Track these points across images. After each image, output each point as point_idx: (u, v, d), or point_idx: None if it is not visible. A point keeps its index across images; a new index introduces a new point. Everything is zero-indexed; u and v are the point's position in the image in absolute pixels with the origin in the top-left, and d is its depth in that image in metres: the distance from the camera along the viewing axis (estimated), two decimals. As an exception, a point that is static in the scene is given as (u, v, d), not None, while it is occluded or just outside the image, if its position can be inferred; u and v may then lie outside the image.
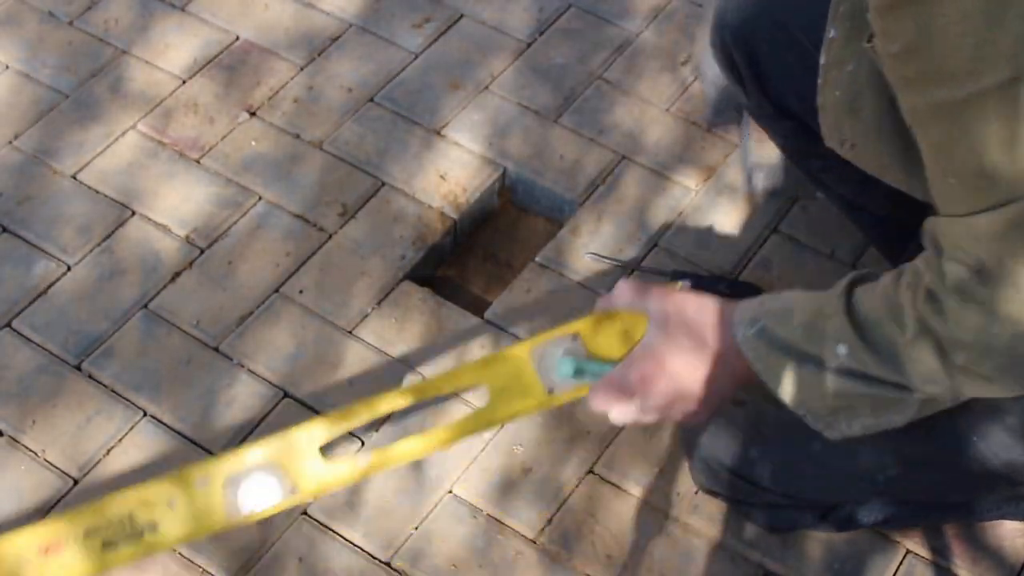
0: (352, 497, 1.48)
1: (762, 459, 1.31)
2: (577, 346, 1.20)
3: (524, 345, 1.23)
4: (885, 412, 1.06)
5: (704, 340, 1.11)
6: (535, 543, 1.45)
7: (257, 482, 1.21)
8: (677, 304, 1.13)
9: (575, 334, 1.21)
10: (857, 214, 1.56)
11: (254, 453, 1.22)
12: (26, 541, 1.23)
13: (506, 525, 1.46)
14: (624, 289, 1.17)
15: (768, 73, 1.42)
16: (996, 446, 1.20)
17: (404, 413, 1.54)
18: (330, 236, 1.73)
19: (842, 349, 1.02)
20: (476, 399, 1.54)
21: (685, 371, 1.12)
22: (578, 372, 1.19)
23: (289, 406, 1.56)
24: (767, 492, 1.34)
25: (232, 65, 1.94)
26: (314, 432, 1.24)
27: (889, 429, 1.11)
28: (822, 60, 1.15)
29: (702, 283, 1.65)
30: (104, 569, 1.21)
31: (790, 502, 1.35)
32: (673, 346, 1.12)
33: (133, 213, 1.76)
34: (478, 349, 1.60)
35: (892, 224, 1.50)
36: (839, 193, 1.54)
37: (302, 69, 1.93)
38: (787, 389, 1.07)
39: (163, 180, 1.79)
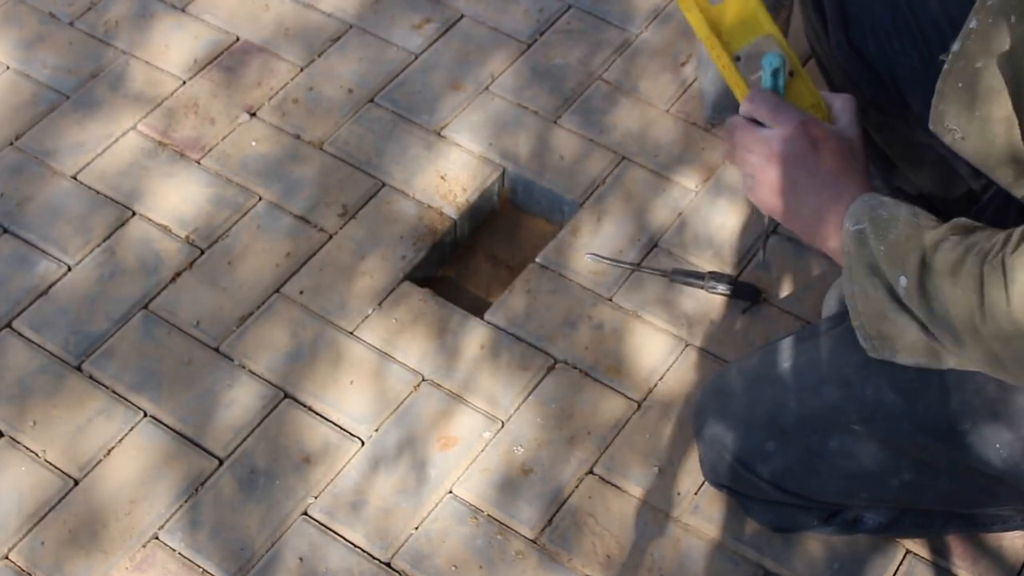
0: (352, 497, 1.48)
1: (777, 453, 1.29)
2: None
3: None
4: (923, 355, 1.07)
5: (828, 190, 1.13)
6: (535, 543, 1.45)
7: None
8: (848, 141, 1.16)
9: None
10: (899, 179, 1.54)
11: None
12: None
13: (506, 525, 1.46)
14: (848, 100, 1.19)
15: (856, 17, 1.40)
16: (1018, 456, 1.19)
17: (409, 409, 1.55)
18: (330, 236, 1.73)
19: (903, 281, 1.03)
20: (479, 406, 1.54)
21: (794, 183, 1.13)
22: (775, 73, 1.18)
23: (289, 406, 1.56)
24: (775, 489, 1.33)
25: (232, 66, 1.94)
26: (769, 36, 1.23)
27: (910, 433, 1.13)
28: (955, 47, 1.08)
29: (702, 282, 1.65)
30: None
31: (796, 501, 1.35)
32: (814, 160, 1.13)
33: (133, 213, 1.76)
34: (478, 350, 1.60)
35: (924, 200, 1.48)
36: (882, 152, 1.52)
37: (302, 70, 1.94)
38: (855, 296, 1.09)
39: (163, 180, 1.79)
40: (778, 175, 1.15)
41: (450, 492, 1.49)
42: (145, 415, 1.56)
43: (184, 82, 1.92)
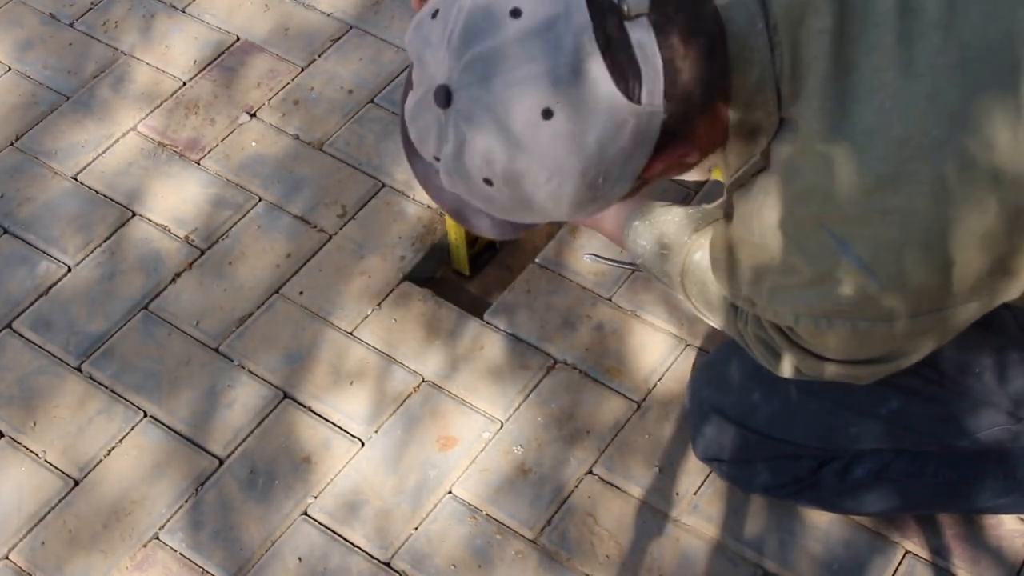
0: (352, 497, 1.48)
1: (764, 401, 1.34)
2: None
3: None
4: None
5: None
6: (535, 543, 1.45)
7: None
8: None
9: None
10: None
11: None
12: None
13: (506, 525, 1.46)
14: None
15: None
16: (997, 379, 1.23)
17: (409, 410, 1.55)
18: (330, 237, 1.73)
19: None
20: (483, 414, 1.55)
21: None
22: None
23: (289, 407, 1.56)
24: (767, 441, 1.35)
25: (232, 66, 1.94)
26: None
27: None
28: None
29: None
30: None
31: (787, 450, 1.36)
32: None
33: (133, 214, 1.76)
34: (478, 350, 1.60)
35: None
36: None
37: (302, 70, 1.94)
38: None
39: (163, 181, 1.79)
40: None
41: (450, 492, 1.49)
42: (145, 415, 1.56)
43: (184, 83, 1.92)
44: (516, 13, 0.90)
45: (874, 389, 1.24)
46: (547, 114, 0.90)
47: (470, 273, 1.70)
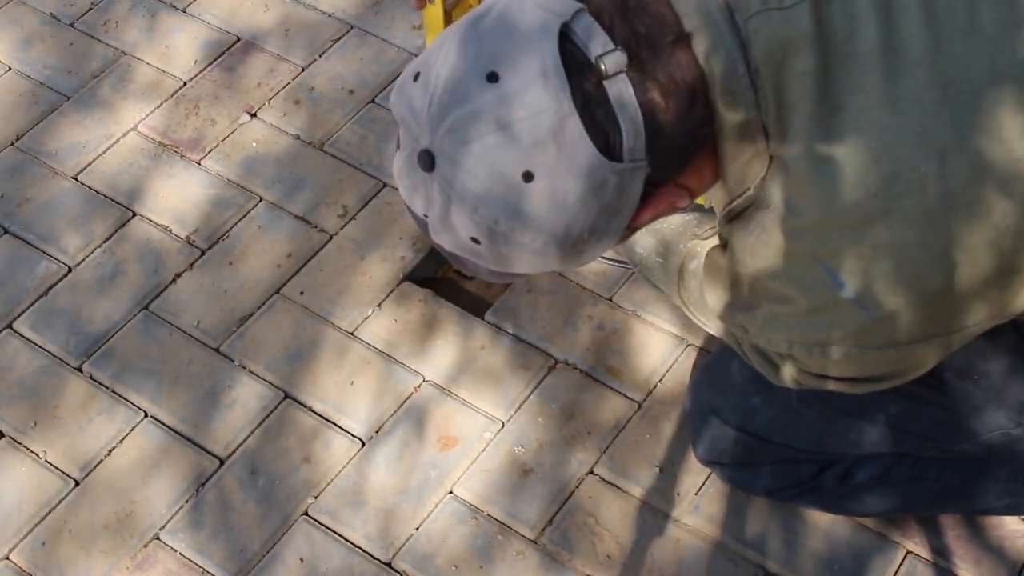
0: (353, 497, 1.48)
1: (764, 406, 1.34)
2: None
3: None
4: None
5: None
6: (536, 543, 1.45)
7: None
8: None
9: None
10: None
11: None
12: None
13: (507, 525, 1.46)
14: None
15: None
16: (998, 383, 1.23)
17: (410, 410, 1.55)
18: (331, 237, 1.73)
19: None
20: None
21: None
22: None
23: (290, 407, 1.56)
24: (767, 445, 1.35)
25: (233, 66, 1.94)
26: None
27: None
28: None
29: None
30: None
31: (788, 454, 1.36)
32: None
33: (134, 214, 1.76)
34: (479, 350, 1.60)
35: None
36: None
37: (303, 70, 1.94)
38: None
39: (164, 181, 1.79)
40: None
41: (451, 492, 1.49)
42: (146, 415, 1.56)
43: (185, 83, 1.92)
44: (493, 77, 0.91)
45: (874, 394, 1.25)
46: (527, 177, 0.92)
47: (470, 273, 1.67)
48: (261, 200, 1.77)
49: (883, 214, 0.95)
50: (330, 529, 1.46)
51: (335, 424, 1.55)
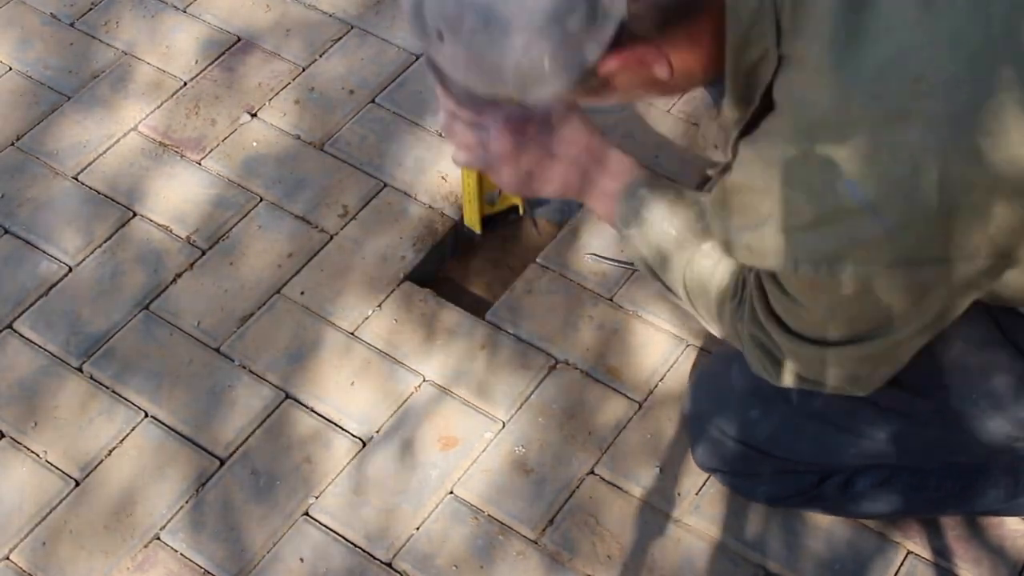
0: (353, 498, 1.48)
1: (762, 420, 1.32)
2: None
3: None
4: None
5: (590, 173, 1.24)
6: (536, 544, 1.45)
7: None
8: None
9: None
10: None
11: None
12: None
13: (507, 526, 1.46)
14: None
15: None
16: (999, 403, 1.21)
17: (410, 410, 1.55)
18: (331, 237, 1.73)
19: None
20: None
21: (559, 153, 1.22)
22: None
23: (290, 407, 1.56)
24: (767, 457, 1.34)
25: (233, 66, 1.94)
26: None
27: (891, 390, 1.16)
28: None
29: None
30: None
31: (787, 466, 1.35)
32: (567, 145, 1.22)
33: (134, 214, 1.76)
34: (479, 350, 1.60)
35: None
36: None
37: (303, 70, 1.94)
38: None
39: (164, 181, 1.79)
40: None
41: (451, 492, 1.49)
42: (146, 416, 1.56)
43: (185, 83, 1.92)
44: None
45: (874, 414, 1.24)
46: None
47: (480, 232, 1.60)
48: (261, 200, 1.77)
49: (905, 115, 0.91)
50: (330, 529, 1.46)
51: (336, 424, 1.55)
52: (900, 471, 1.37)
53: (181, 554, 1.45)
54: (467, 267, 1.79)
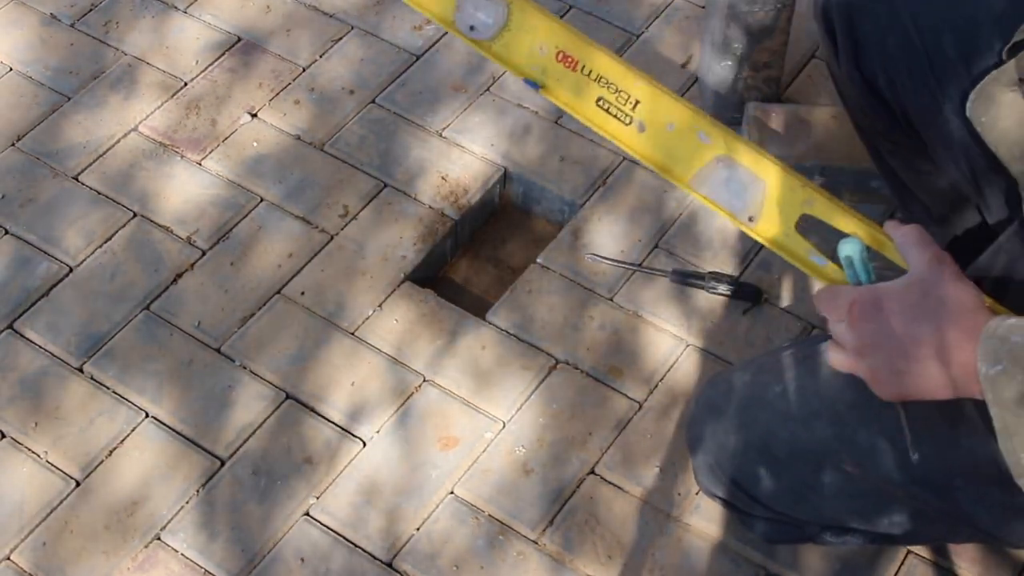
0: (354, 498, 1.48)
1: (768, 478, 1.27)
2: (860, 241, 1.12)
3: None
4: None
5: (942, 326, 1.01)
6: (537, 544, 1.45)
7: (737, 182, 1.18)
8: (940, 272, 1.04)
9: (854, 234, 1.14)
10: (910, 200, 1.52)
11: (753, 155, 1.18)
12: (558, 37, 1.23)
13: (508, 526, 1.46)
14: (911, 232, 1.09)
15: (867, 48, 1.37)
16: (1009, 517, 1.17)
17: (410, 410, 1.55)
18: (332, 237, 1.73)
19: None
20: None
21: (910, 336, 1.02)
22: (848, 260, 1.10)
23: (291, 407, 1.56)
24: (769, 510, 1.30)
25: (233, 67, 1.94)
26: (808, 199, 1.17)
27: (903, 483, 1.13)
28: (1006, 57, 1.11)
29: (703, 283, 1.65)
30: (577, 113, 1.22)
31: (789, 520, 1.33)
32: (907, 306, 1.03)
33: (135, 215, 1.76)
34: (479, 350, 1.60)
35: (938, 222, 1.48)
36: (900, 179, 1.50)
37: (304, 70, 1.94)
38: (1015, 452, 0.97)
39: (165, 182, 1.79)
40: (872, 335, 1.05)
41: (451, 493, 1.49)
42: (147, 416, 1.56)
43: (185, 83, 1.92)
44: None
45: (882, 501, 1.21)
46: None
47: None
48: (262, 200, 1.77)
49: None
50: (331, 529, 1.46)
51: (336, 424, 1.55)
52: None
53: (182, 554, 1.45)
54: (467, 267, 1.79)
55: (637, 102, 1.24)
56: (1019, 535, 1.21)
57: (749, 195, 1.21)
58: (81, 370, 1.60)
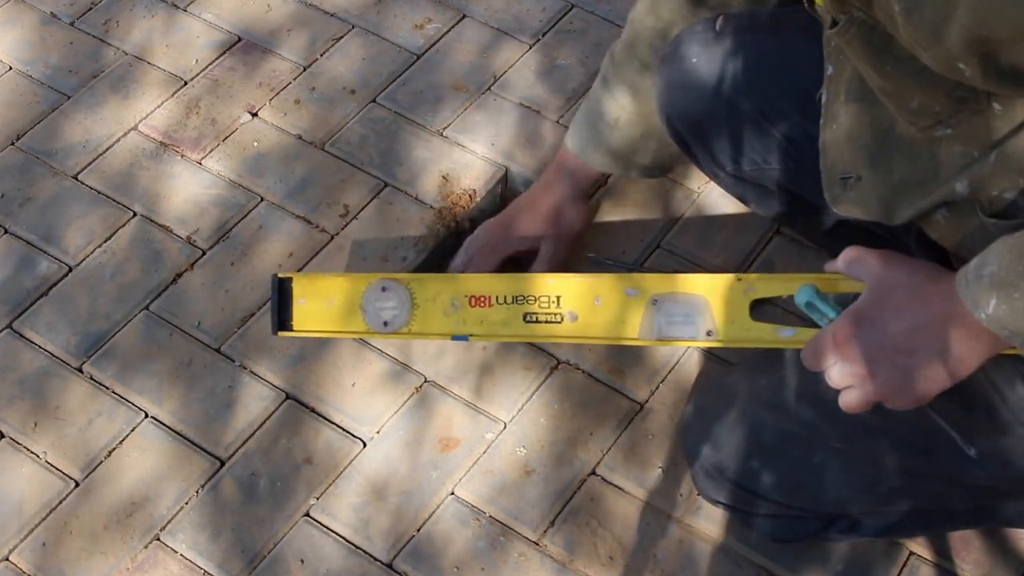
0: (354, 499, 1.48)
1: (763, 470, 1.29)
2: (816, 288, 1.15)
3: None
4: None
5: (922, 305, 1.04)
6: (537, 545, 1.45)
7: (680, 312, 1.24)
8: (892, 265, 1.07)
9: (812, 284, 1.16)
10: (829, 247, 1.54)
11: (678, 280, 1.24)
12: (461, 287, 1.33)
13: (508, 527, 1.46)
14: (848, 253, 1.11)
15: (716, 142, 1.44)
16: (996, 464, 1.19)
17: (411, 410, 1.54)
18: (332, 237, 1.73)
19: None
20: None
21: (900, 330, 1.04)
22: (809, 305, 1.13)
23: (291, 408, 1.56)
24: (769, 503, 1.32)
25: (234, 66, 1.94)
26: (748, 287, 1.25)
27: (890, 449, 1.15)
28: (823, 99, 1.17)
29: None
30: (516, 339, 1.30)
31: (793, 512, 1.34)
32: (882, 308, 1.05)
33: (135, 214, 1.76)
34: (480, 350, 1.60)
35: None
36: (820, 233, 1.56)
37: (304, 70, 1.93)
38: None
39: (165, 181, 1.79)
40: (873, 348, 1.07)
41: (452, 493, 1.49)
42: (146, 416, 1.55)
43: (185, 82, 1.92)
44: None
45: (875, 470, 1.23)
46: None
47: None
48: (262, 200, 1.77)
49: None
50: (331, 530, 1.46)
51: (336, 425, 1.54)
52: (907, 517, 1.35)
53: (181, 555, 1.44)
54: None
55: (559, 297, 1.33)
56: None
57: (697, 315, 1.28)
58: (81, 370, 1.60)
